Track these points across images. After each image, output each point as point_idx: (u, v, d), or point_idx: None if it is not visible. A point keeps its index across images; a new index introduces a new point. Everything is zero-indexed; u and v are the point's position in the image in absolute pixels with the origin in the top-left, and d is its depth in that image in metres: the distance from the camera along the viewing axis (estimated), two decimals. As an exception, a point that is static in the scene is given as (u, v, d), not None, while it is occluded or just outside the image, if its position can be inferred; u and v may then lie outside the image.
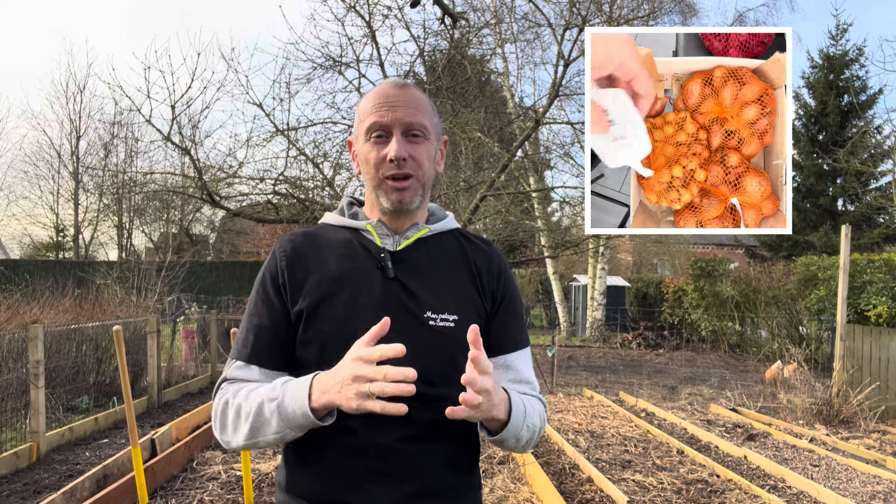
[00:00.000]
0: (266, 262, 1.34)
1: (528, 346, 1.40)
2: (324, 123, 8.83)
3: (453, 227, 1.41)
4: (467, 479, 1.33)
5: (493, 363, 1.29)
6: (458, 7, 9.12)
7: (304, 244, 1.33)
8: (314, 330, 1.24)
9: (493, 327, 1.34)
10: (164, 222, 25.19)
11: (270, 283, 1.30)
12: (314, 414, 1.11)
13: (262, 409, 1.16)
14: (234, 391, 1.24)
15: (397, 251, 1.30)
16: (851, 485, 4.93)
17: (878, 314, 10.03)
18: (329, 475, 1.23)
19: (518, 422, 1.21)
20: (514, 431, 1.21)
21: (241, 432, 1.20)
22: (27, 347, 5.69)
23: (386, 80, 1.37)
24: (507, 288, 1.37)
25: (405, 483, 1.22)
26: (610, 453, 5.68)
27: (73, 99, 27.48)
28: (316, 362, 1.23)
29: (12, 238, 28.15)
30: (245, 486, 3.67)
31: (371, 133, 1.28)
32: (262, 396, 1.17)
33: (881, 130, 20.76)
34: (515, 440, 1.24)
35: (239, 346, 1.29)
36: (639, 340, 15.65)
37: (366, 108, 1.30)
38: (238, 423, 1.20)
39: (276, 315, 1.28)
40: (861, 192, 20.44)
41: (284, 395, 1.14)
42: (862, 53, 20.97)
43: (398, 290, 1.26)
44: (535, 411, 1.29)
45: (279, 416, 1.14)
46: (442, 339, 1.23)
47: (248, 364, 1.27)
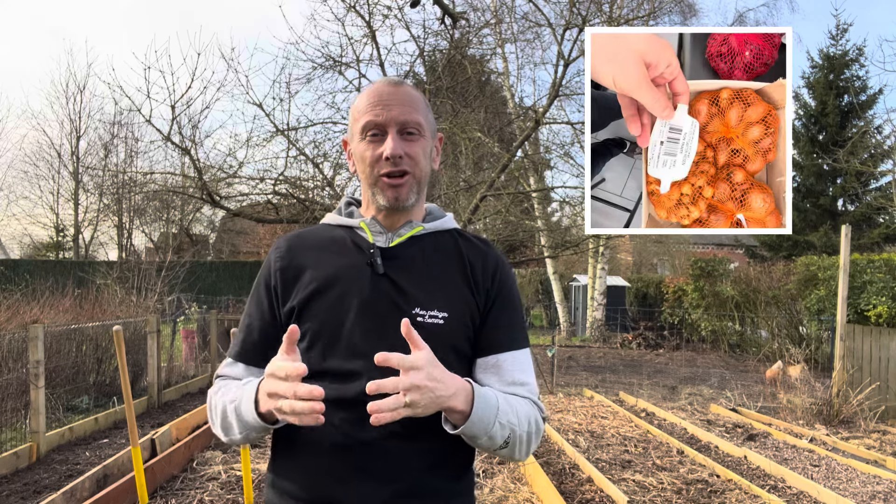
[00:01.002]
0: (263, 265, 1.38)
1: (525, 348, 1.35)
2: (324, 123, 8.84)
3: (451, 228, 1.40)
4: (457, 482, 1.30)
5: (482, 363, 1.29)
6: (458, 7, 9.12)
7: (299, 244, 1.36)
8: (303, 325, 1.25)
9: (486, 326, 1.31)
10: (164, 222, 25.19)
11: (263, 284, 1.34)
12: (262, 419, 1.16)
13: (226, 411, 1.23)
14: (217, 388, 1.31)
15: (389, 248, 1.31)
16: (851, 485, 4.93)
17: (878, 314, 10.03)
18: (315, 472, 1.23)
19: (486, 416, 1.15)
20: (483, 426, 1.15)
21: (218, 429, 1.28)
22: (27, 347, 5.69)
23: (380, 79, 1.38)
24: (502, 286, 1.34)
25: (391, 482, 1.20)
26: (610, 453, 5.68)
27: (73, 99, 27.45)
28: (304, 358, 1.23)
29: (12, 238, 28.16)
30: (245, 486, 3.68)
31: (366, 132, 1.29)
32: (227, 399, 1.24)
33: (881, 130, 20.78)
34: (488, 438, 1.18)
35: (231, 345, 1.36)
36: (639, 340, 15.65)
37: (360, 106, 1.31)
38: (214, 419, 1.29)
39: (264, 314, 1.32)
40: (861, 192, 20.44)
41: (241, 399, 1.20)
42: (862, 53, 20.99)
43: (387, 286, 1.27)
44: (518, 411, 1.23)
45: (237, 418, 1.20)
46: (430, 335, 1.20)
47: (235, 362, 1.33)
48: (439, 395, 1.09)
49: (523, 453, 1.26)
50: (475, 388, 1.17)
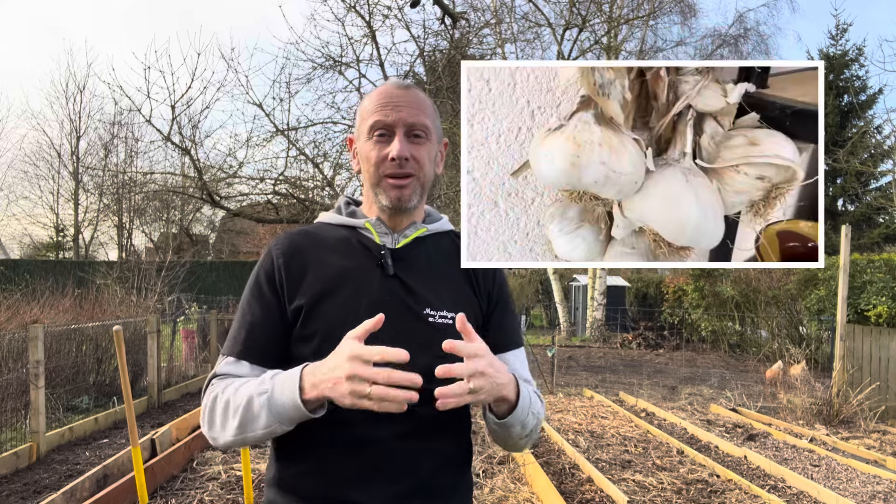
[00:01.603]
0: (260, 261, 1.33)
1: (522, 346, 1.41)
2: (324, 123, 8.85)
3: (448, 230, 1.43)
4: (460, 479, 1.33)
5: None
6: (458, 7, 9.12)
7: (302, 242, 1.33)
8: (313, 326, 1.24)
9: (491, 327, 1.35)
10: (164, 222, 25.20)
11: (266, 280, 1.29)
12: (305, 406, 1.09)
13: (252, 403, 1.14)
14: (223, 387, 1.22)
15: (396, 248, 1.32)
16: (851, 485, 4.93)
17: (878, 314, 10.02)
18: (322, 471, 1.22)
19: (525, 405, 1.21)
20: (521, 416, 1.21)
21: (229, 428, 1.18)
22: (27, 347, 5.69)
23: (389, 80, 1.38)
24: (501, 289, 1.39)
25: (400, 481, 1.21)
26: (610, 453, 5.68)
27: (72, 99, 27.48)
28: (313, 359, 1.22)
29: (12, 238, 28.16)
30: (245, 486, 3.67)
31: (374, 131, 1.29)
32: (251, 391, 1.15)
33: (881, 130, 20.80)
34: (521, 426, 1.23)
35: (230, 343, 1.28)
36: (639, 340, 15.65)
37: (369, 106, 1.31)
38: (226, 418, 1.19)
39: (271, 312, 1.27)
40: (861, 192, 20.46)
41: (274, 388, 1.13)
42: (862, 53, 21.03)
43: (397, 286, 1.27)
44: (536, 402, 1.30)
45: (269, 409, 1.12)
46: (441, 335, 1.21)
47: (238, 360, 1.26)
48: (499, 383, 1.12)
49: (531, 442, 1.32)
50: (518, 379, 1.21)
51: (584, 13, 8.19)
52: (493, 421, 1.22)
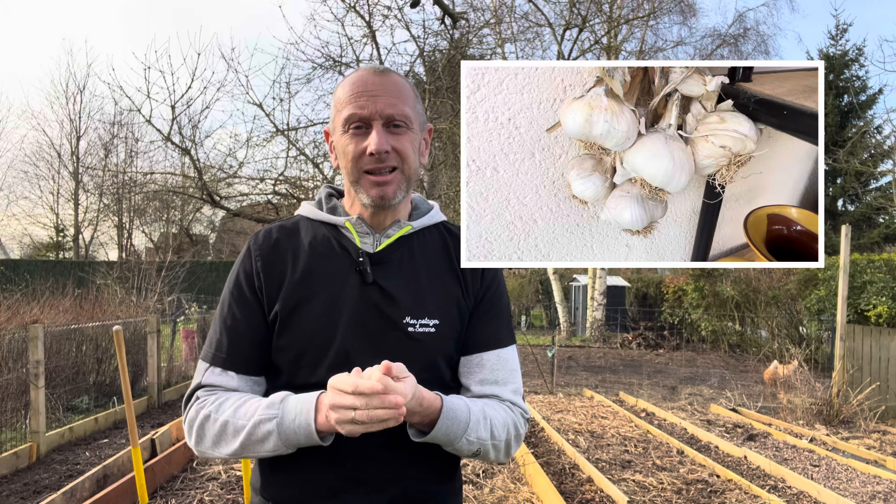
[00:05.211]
0: (240, 259, 1.27)
1: (510, 346, 1.32)
2: (324, 123, 8.83)
3: (438, 221, 1.35)
4: (446, 485, 1.29)
5: (466, 361, 1.28)
6: (458, 7, 9.12)
7: (280, 241, 1.26)
8: (289, 336, 1.20)
9: (472, 324, 1.28)
10: (164, 222, 25.22)
11: (246, 282, 1.23)
12: (318, 434, 1.09)
13: (257, 429, 1.11)
14: (216, 403, 1.17)
15: (376, 252, 1.25)
16: (851, 485, 4.93)
17: (878, 314, 10.02)
18: (303, 482, 1.20)
19: (452, 432, 1.15)
20: (447, 441, 1.16)
21: (228, 447, 1.15)
22: (27, 347, 5.70)
23: (364, 66, 1.29)
24: (491, 285, 1.32)
25: (383, 490, 1.19)
26: (610, 453, 5.68)
27: (73, 99, 27.46)
28: (290, 369, 1.20)
29: (12, 238, 28.18)
30: (245, 486, 3.67)
31: (349, 124, 1.20)
32: (257, 416, 1.12)
33: (881, 130, 20.81)
34: (453, 449, 1.18)
35: (213, 350, 1.22)
36: (639, 340, 15.65)
37: (342, 96, 1.22)
38: (224, 438, 1.15)
39: (254, 317, 1.22)
40: (861, 192, 20.47)
41: (284, 415, 1.10)
42: (862, 53, 21.04)
43: (377, 294, 1.21)
44: (494, 423, 1.21)
45: (279, 435, 1.10)
46: (420, 346, 1.20)
47: (225, 370, 1.20)
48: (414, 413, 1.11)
49: (501, 458, 1.26)
50: (444, 409, 1.14)
51: (584, 13, 8.20)
52: (414, 436, 1.17)
